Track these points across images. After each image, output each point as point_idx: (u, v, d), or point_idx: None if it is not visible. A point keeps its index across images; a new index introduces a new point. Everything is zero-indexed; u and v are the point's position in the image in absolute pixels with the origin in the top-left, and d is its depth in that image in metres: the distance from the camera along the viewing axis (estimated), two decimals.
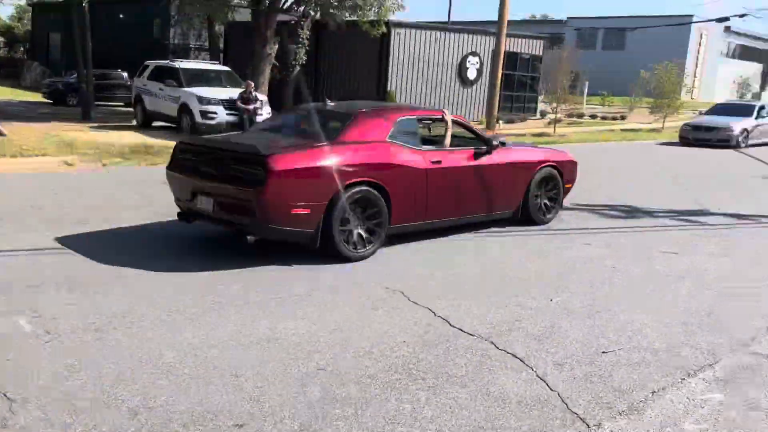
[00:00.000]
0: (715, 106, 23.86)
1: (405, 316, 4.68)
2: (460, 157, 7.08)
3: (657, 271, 6.18)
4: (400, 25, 21.25)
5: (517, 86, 26.00)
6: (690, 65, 46.21)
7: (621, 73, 40.26)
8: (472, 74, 23.65)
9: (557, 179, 8.10)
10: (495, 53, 20.89)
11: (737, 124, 20.23)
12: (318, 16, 19.43)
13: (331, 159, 5.94)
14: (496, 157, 7.34)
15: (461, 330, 4.47)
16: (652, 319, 4.84)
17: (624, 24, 45.49)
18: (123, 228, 6.98)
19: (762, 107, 21.68)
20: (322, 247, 5.93)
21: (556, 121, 23.04)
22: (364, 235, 6.16)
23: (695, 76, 47.78)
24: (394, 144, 6.48)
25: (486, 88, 22.34)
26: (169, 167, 6.60)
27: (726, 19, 34.17)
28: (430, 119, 7.39)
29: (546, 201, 8.03)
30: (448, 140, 7.17)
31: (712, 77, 49.15)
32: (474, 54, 23.50)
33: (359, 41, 20.51)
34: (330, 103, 7.28)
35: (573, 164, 8.44)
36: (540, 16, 71.73)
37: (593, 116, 30.15)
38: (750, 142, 20.41)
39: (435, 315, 4.73)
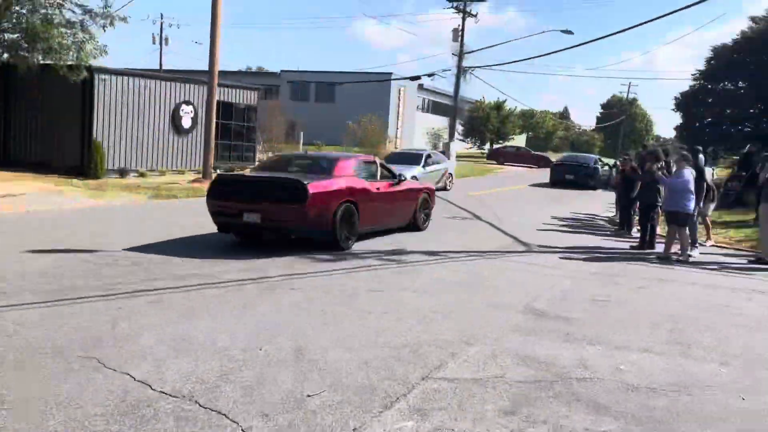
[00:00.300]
0: (390, 154, 24.51)
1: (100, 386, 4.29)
2: (386, 186, 11.28)
3: (361, 308, 6.57)
4: (105, 71, 19.99)
5: (235, 135, 26.08)
6: (392, 117, 51.08)
7: (333, 123, 42.95)
8: (186, 123, 23.15)
9: (429, 202, 12.99)
10: (208, 102, 20.79)
11: (408, 172, 19.76)
12: (5, 58, 17.46)
13: (334, 186, 9.74)
14: (401, 187, 11.77)
15: (163, 392, 4.23)
16: (354, 356, 5.10)
17: (333, 79, 48.70)
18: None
19: (429, 155, 22.84)
20: (327, 242, 9.75)
21: None
22: (347, 234, 9.97)
23: (397, 128, 52.90)
24: (358, 178, 10.47)
25: (202, 137, 22.03)
26: (210, 194, 9.89)
27: (418, 78, 38.61)
28: (369, 162, 11.40)
29: (423, 215, 12.64)
30: (379, 175, 11.26)
31: (411, 128, 54.89)
32: (188, 103, 23.06)
33: (59, 87, 18.87)
34: (309, 152, 13.18)
35: (434, 192, 13.69)
36: (255, 68, 73.62)
37: None
38: None
39: (135, 380, 4.42)
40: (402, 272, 8.67)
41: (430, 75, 36.80)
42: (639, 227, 12.76)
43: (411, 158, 22.49)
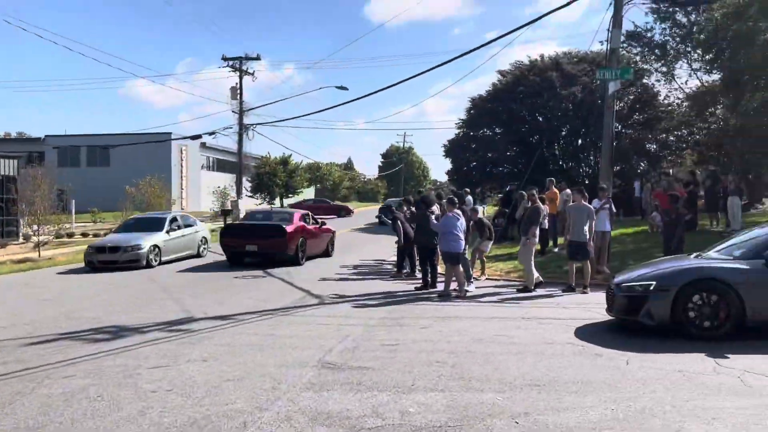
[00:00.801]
0: (127, 220, 21.19)
1: None
2: (316, 228, 19.05)
3: (143, 388, 6.10)
4: None
5: None
6: (175, 178, 49.31)
7: (109, 188, 40.40)
8: None
9: (333, 239, 20.58)
10: None
11: (147, 241, 17.77)
12: None
13: (296, 228, 17.68)
14: (323, 228, 19.70)
15: None
16: None
17: (106, 141, 45.96)
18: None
19: (174, 219, 19.92)
20: (291, 260, 17.32)
21: (41, 243, 21.46)
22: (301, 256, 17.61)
23: (182, 188, 51.12)
24: (305, 223, 18.44)
25: None
26: (222, 236, 18.14)
27: (199, 136, 37.75)
28: (306, 214, 19.25)
29: (331, 247, 20.28)
30: (311, 221, 19.04)
31: (197, 188, 53.40)
32: None
33: None
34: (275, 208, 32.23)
35: (334, 232, 21.14)
36: (16, 134, 67.06)
37: (84, 234, 29.16)
38: (163, 258, 18.20)
39: None
40: (190, 342, 8.24)
41: (211, 133, 36.25)
42: (420, 268, 13.52)
43: (150, 224, 19.35)
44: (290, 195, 59.75)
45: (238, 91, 36.74)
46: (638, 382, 6.00)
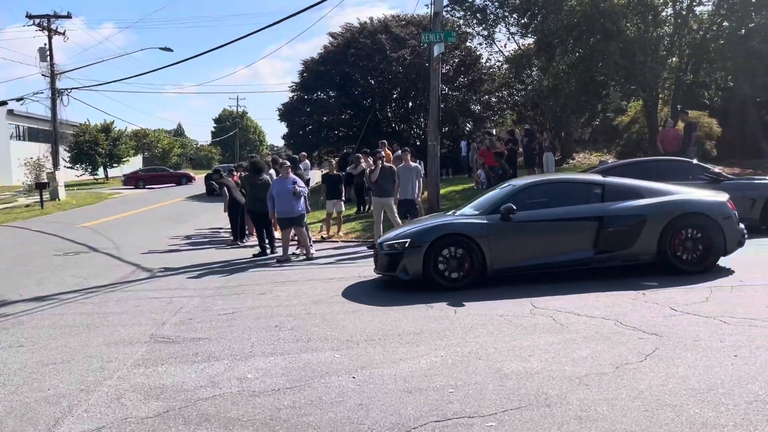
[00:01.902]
0: None
1: None
2: None
3: None
4: None
5: None
6: None
7: None
8: None
9: None
10: None
11: None
12: None
13: None
14: None
15: None
16: None
17: None
18: None
19: None
20: None
21: None
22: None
23: None
24: None
25: None
26: None
27: (5, 103, 34.22)
28: None
29: None
30: None
31: (6, 159, 48.46)
32: None
33: None
34: None
35: None
36: None
37: None
38: None
39: None
40: (2, 327, 7.54)
41: (19, 99, 32.97)
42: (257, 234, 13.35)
43: None
44: (115, 164, 56.10)
45: (48, 53, 33.56)
46: (465, 329, 6.40)
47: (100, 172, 55.33)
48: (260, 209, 12.70)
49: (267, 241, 12.81)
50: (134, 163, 62.92)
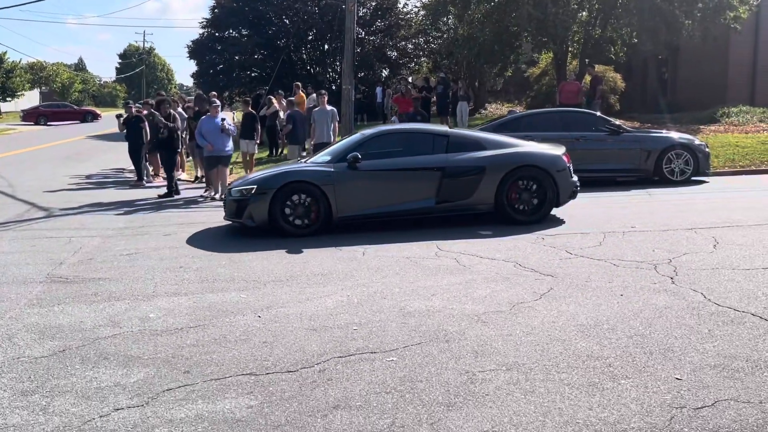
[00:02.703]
0: None
1: None
2: None
3: None
4: None
5: None
6: None
7: None
8: None
9: None
10: None
11: None
12: None
13: None
14: None
15: None
16: None
17: None
18: None
19: None
20: None
21: None
22: None
23: None
24: None
25: None
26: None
27: None
28: None
29: None
30: None
31: None
32: None
33: None
34: None
35: None
36: None
37: None
38: None
39: None
40: None
41: None
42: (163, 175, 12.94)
43: None
44: (8, 98, 52.51)
45: None
46: (372, 270, 6.51)
47: None
48: (170, 147, 12.47)
49: (175, 181, 12.44)
50: (30, 98, 59.07)
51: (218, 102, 12.44)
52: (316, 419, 3.49)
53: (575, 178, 8.87)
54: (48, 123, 42.90)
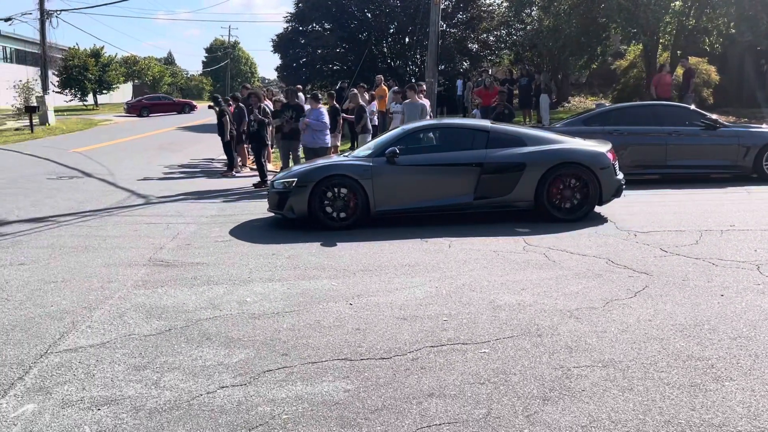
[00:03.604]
0: None
1: None
2: None
3: None
4: None
5: None
6: None
7: None
8: None
9: None
10: None
11: None
12: None
13: None
14: None
15: None
16: None
17: None
18: None
19: None
20: None
21: None
22: None
23: None
24: None
25: None
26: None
27: None
28: None
29: None
30: None
31: None
32: None
33: None
34: None
35: None
36: None
37: None
38: None
39: None
40: (2, 246, 7.61)
41: (7, 19, 32.12)
42: (252, 166, 13.33)
43: None
44: (104, 91, 55.19)
45: None
46: (459, 262, 6.53)
47: (90, 98, 54.44)
48: (259, 139, 12.81)
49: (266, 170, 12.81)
50: (124, 91, 61.94)
51: (319, 95, 12.65)
52: (412, 405, 3.56)
53: (620, 175, 8.66)
54: (150, 114, 44.94)
